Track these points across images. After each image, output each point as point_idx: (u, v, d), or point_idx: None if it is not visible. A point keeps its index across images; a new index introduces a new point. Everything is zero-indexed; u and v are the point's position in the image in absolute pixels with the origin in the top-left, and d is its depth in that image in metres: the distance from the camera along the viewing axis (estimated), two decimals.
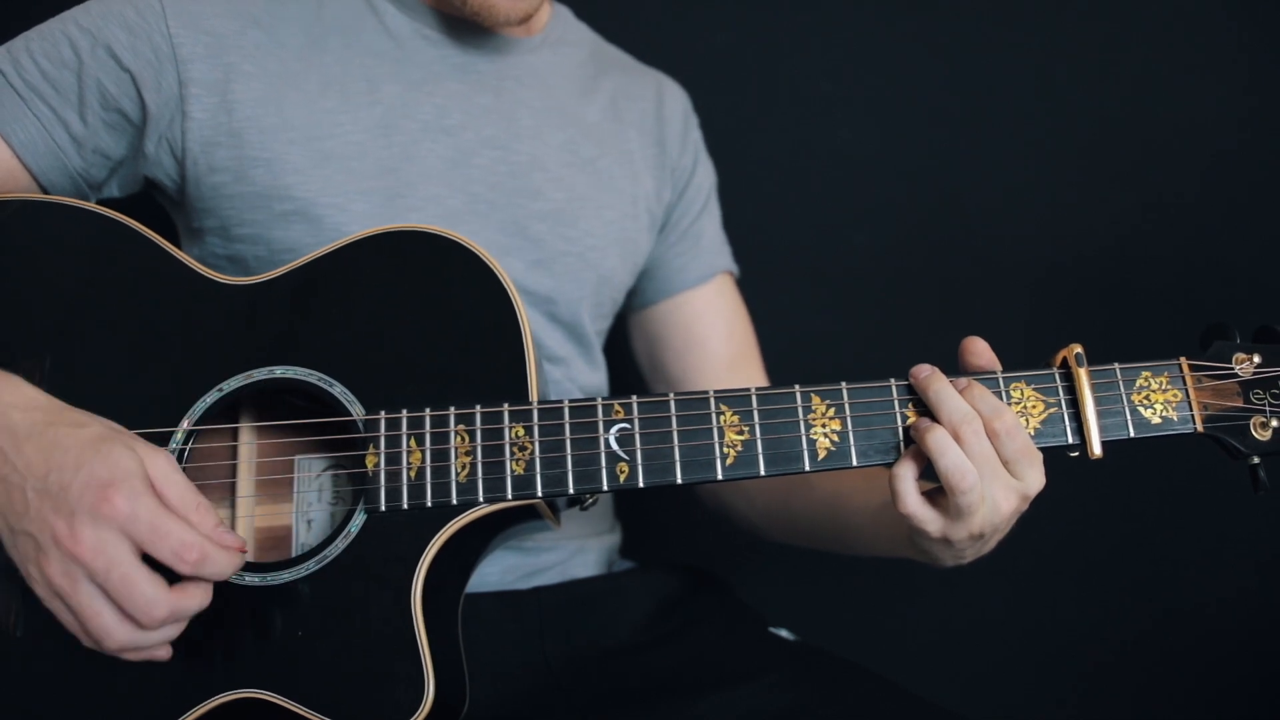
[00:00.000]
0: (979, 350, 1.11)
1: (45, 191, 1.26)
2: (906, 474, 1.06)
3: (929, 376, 1.08)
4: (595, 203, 1.43)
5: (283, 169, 1.27)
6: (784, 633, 1.36)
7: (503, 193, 1.37)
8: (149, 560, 0.95)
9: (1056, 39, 1.96)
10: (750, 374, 1.58)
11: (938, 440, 1.04)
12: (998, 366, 1.11)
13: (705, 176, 1.61)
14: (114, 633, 0.94)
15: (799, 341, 1.89)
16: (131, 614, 0.94)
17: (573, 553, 1.42)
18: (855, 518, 1.31)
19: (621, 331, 1.64)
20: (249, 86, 1.27)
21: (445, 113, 1.36)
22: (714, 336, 1.57)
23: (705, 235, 1.59)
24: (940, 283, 1.97)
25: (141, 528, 0.93)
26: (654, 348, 1.60)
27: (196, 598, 0.97)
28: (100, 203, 1.29)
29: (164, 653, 1.00)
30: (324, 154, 1.28)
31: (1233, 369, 1.10)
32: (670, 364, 1.58)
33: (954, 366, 1.12)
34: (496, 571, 1.36)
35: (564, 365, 1.44)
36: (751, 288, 1.64)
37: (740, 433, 1.08)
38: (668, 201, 1.55)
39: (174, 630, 0.98)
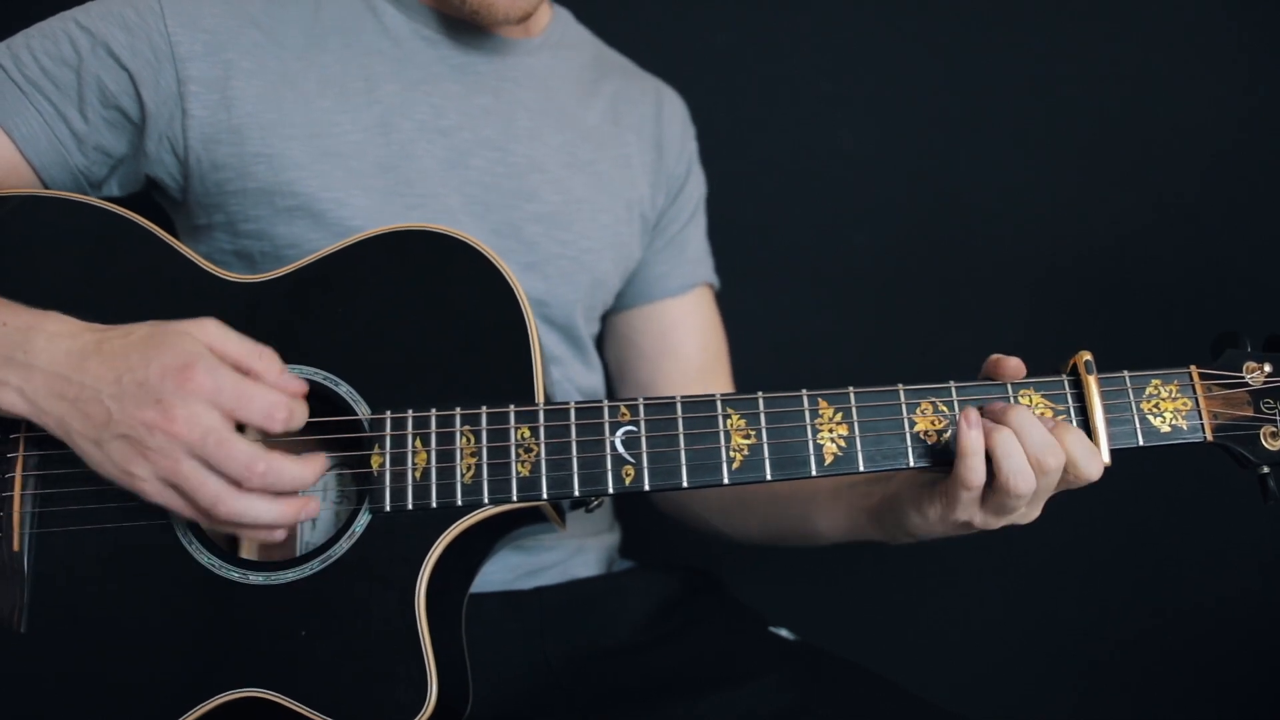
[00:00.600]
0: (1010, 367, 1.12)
1: (46, 187, 1.25)
2: (979, 448, 1.05)
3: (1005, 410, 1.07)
4: (592, 205, 1.43)
5: (283, 165, 1.27)
6: (784, 633, 1.36)
7: (498, 194, 1.36)
8: None
9: (1057, 39, 1.96)
10: (718, 386, 1.58)
11: (1006, 442, 1.04)
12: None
13: (696, 186, 1.61)
14: (224, 499, 0.98)
15: (799, 342, 1.90)
16: (233, 475, 0.97)
17: (573, 552, 1.43)
18: (811, 503, 1.33)
19: None
20: (248, 84, 1.27)
21: (442, 113, 1.35)
22: (687, 346, 1.57)
23: (690, 245, 1.59)
24: (940, 283, 1.97)
25: (227, 397, 0.98)
26: (624, 351, 1.59)
27: (293, 465, 1.00)
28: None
29: (280, 534, 1.03)
30: (322, 152, 1.28)
31: (1243, 378, 1.10)
32: (639, 368, 1.58)
33: (954, 367, 1.13)
34: (497, 571, 1.36)
35: (560, 365, 1.44)
36: (752, 288, 1.64)
37: (747, 437, 1.08)
38: (660, 207, 1.55)
39: (277, 509, 1.00)
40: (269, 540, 1.05)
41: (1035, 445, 1.03)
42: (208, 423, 0.97)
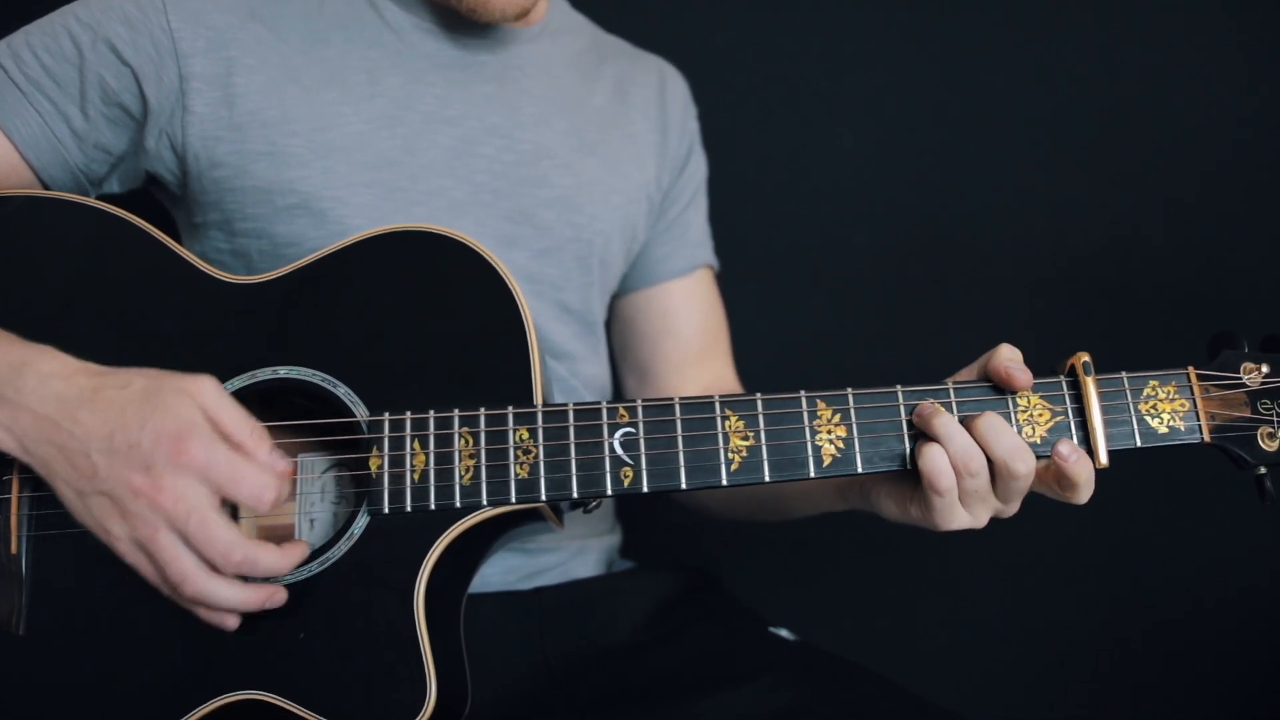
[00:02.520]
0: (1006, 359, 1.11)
1: (46, 187, 1.26)
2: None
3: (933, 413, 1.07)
4: (604, 187, 1.43)
5: (285, 163, 1.27)
6: (784, 633, 1.36)
7: (508, 181, 1.37)
8: None
9: (1056, 39, 1.96)
10: (718, 368, 1.59)
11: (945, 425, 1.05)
12: (1028, 379, 1.10)
13: (698, 167, 1.61)
14: (192, 578, 0.97)
15: (799, 342, 1.90)
16: (209, 557, 0.97)
17: (573, 553, 1.42)
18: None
19: None
20: (250, 80, 1.27)
21: (447, 103, 1.35)
22: (688, 328, 1.57)
23: (691, 227, 1.59)
24: (940, 284, 1.97)
25: (219, 473, 0.97)
26: (625, 332, 1.60)
27: (271, 555, 1.00)
28: (101, 198, 1.28)
29: (232, 622, 1.02)
30: (326, 146, 1.28)
31: (1240, 379, 1.09)
32: (641, 350, 1.59)
33: (954, 368, 1.13)
34: (497, 572, 1.36)
35: (571, 361, 1.44)
36: (752, 288, 1.64)
37: (745, 438, 1.08)
38: (665, 187, 1.55)
39: (245, 595, 1.00)
40: (220, 625, 1.03)
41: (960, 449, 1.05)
42: (193, 500, 0.96)
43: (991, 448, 1.05)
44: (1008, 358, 1.08)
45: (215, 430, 0.98)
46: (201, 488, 0.96)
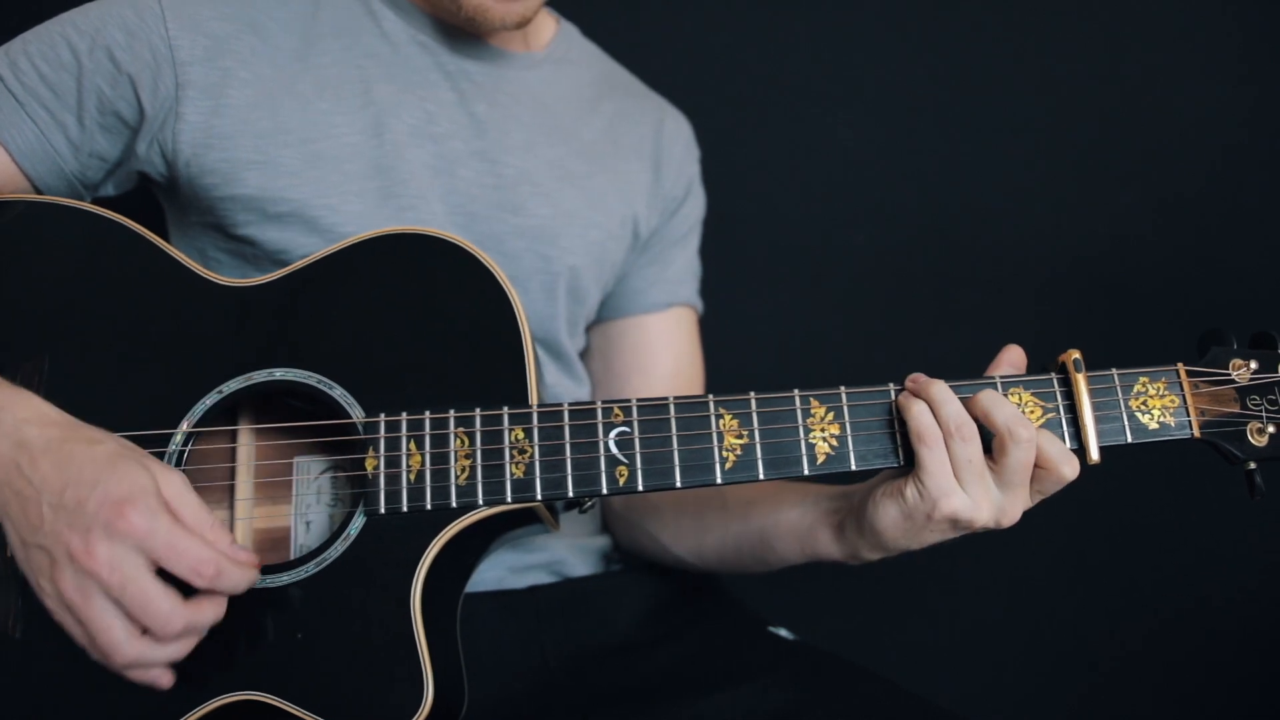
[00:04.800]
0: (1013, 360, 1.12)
1: (41, 194, 1.25)
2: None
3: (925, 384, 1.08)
4: (583, 221, 1.41)
5: (276, 172, 1.26)
6: (784, 632, 1.36)
7: (484, 205, 1.35)
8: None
9: (1055, 39, 1.96)
10: None
11: (940, 391, 1.06)
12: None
13: (694, 208, 1.58)
14: (123, 647, 0.95)
15: (799, 343, 1.90)
16: (149, 626, 0.94)
17: (569, 551, 1.42)
18: (772, 522, 1.28)
19: None
20: (243, 92, 1.27)
21: (433, 119, 1.35)
22: (659, 366, 1.53)
23: (675, 264, 1.55)
24: (939, 285, 1.97)
25: (158, 544, 0.94)
26: (598, 363, 1.56)
27: (210, 610, 0.98)
28: (96, 202, 1.29)
29: (166, 680, 1.00)
30: (317, 155, 1.28)
31: (1229, 375, 1.10)
32: (609, 383, 1.54)
33: (953, 367, 1.12)
34: (493, 571, 1.36)
35: (544, 379, 1.41)
36: (752, 289, 1.64)
37: (739, 437, 1.08)
38: (654, 227, 1.53)
39: (181, 649, 0.98)
40: (153, 685, 1.00)
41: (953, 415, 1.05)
42: (128, 569, 0.93)
43: (991, 417, 1.04)
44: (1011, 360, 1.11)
45: (163, 503, 0.96)
46: (138, 558, 0.94)
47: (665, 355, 1.54)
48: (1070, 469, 1.05)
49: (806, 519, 1.23)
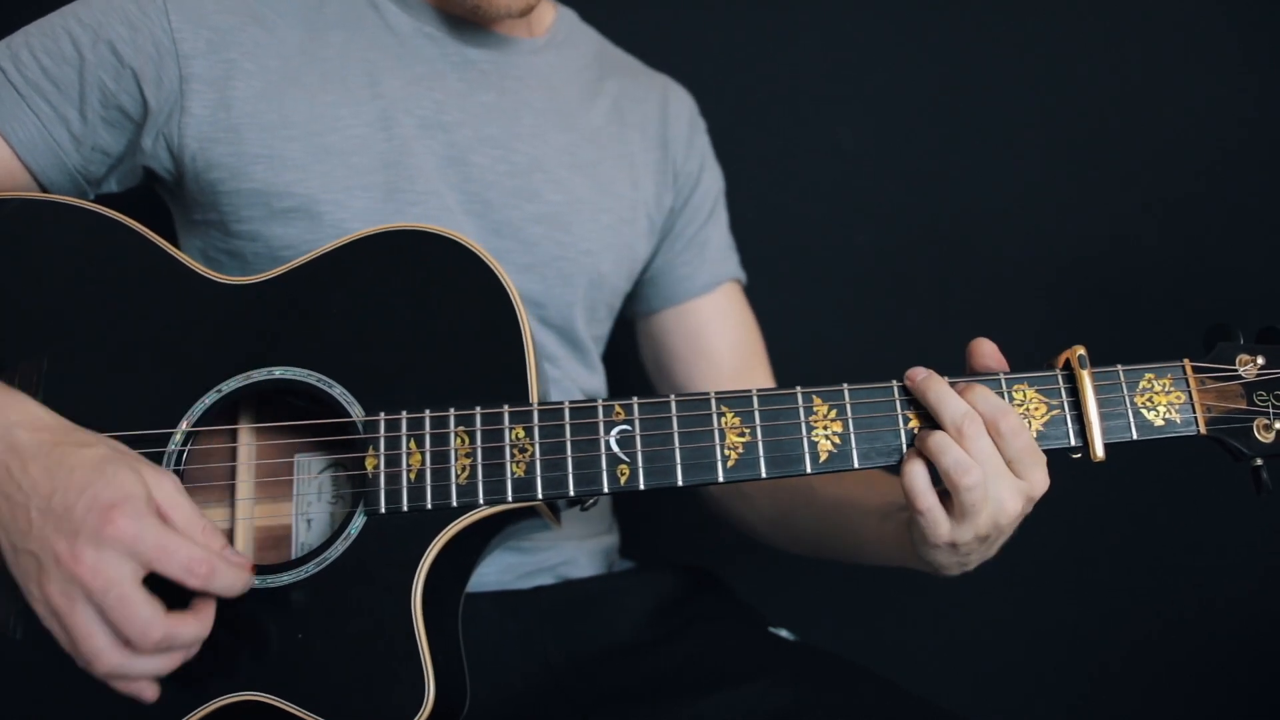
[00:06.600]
0: (986, 352, 1.12)
1: (44, 189, 1.25)
2: (918, 471, 1.06)
3: (926, 379, 1.08)
4: (593, 206, 1.42)
5: (282, 166, 1.26)
6: (784, 633, 1.36)
7: (499, 192, 1.36)
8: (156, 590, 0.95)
9: (1058, 39, 1.96)
10: (759, 382, 1.56)
11: (938, 441, 1.05)
12: (1004, 367, 1.11)
13: (713, 182, 1.60)
14: (105, 655, 0.94)
15: (801, 343, 1.89)
16: (127, 635, 0.93)
17: (572, 553, 1.42)
18: (859, 524, 1.31)
19: (624, 336, 1.63)
20: (249, 84, 1.27)
21: (443, 109, 1.35)
22: (720, 345, 1.56)
23: (711, 243, 1.57)
24: (942, 284, 1.97)
25: (148, 547, 0.93)
26: (660, 354, 1.59)
27: (192, 626, 0.97)
28: (99, 198, 1.28)
29: (150, 693, 0.99)
30: (324, 149, 1.28)
31: (1236, 371, 1.10)
32: (676, 371, 1.57)
33: (955, 368, 1.12)
34: (495, 571, 1.36)
35: (557, 364, 1.43)
36: (753, 289, 1.64)
37: (741, 434, 1.08)
38: (669, 206, 1.54)
39: (163, 664, 0.97)
40: (138, 697, 0.99)
41: (951, 416, 1.05)
42: (113, 574, 0.92)
43: (978, 405, 1.05)
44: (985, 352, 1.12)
45: (151, 507, 0.95)
46: (126, 563, 0.93)
47: (723, 334, 1.57)
48: (1009, 423, 1.05)
49: (888, 530, 1.25)
